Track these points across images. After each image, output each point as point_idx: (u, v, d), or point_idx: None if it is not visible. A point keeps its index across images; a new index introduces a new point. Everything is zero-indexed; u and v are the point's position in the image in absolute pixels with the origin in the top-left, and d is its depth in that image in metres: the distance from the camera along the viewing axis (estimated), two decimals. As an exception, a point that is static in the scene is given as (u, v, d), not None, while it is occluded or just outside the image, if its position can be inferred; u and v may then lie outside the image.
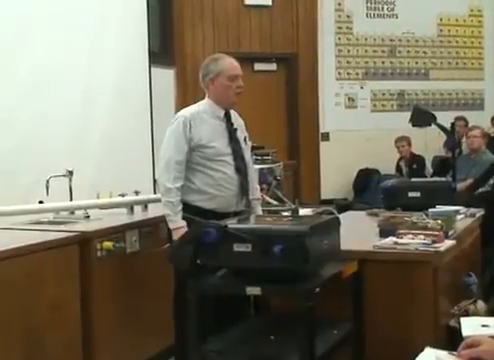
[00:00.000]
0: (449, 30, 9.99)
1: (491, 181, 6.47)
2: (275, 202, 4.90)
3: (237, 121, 3.97)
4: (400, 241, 3.26)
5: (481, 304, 3.41)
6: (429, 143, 8.71)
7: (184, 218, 3.69)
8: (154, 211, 4.68)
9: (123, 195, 4.63)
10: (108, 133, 6.35)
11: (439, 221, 3.44)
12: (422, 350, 2.33)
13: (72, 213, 4.46)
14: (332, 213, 3.29)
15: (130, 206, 4.58)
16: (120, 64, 6.63)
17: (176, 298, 3.83)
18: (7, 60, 5.44)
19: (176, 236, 3.60)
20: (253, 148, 6.54)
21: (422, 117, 6.17)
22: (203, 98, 3.98)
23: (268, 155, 6.09)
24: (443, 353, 2.24)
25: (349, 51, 9.49)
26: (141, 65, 7.03)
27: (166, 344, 4.38)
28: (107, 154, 6.24)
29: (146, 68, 7.09)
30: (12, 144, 5.38)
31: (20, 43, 5.55)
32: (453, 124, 7.73)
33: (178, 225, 3.66)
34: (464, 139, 7.76)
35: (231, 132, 3.86)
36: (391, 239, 3.31)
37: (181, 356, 3.74)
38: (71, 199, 4.51)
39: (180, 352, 3.78)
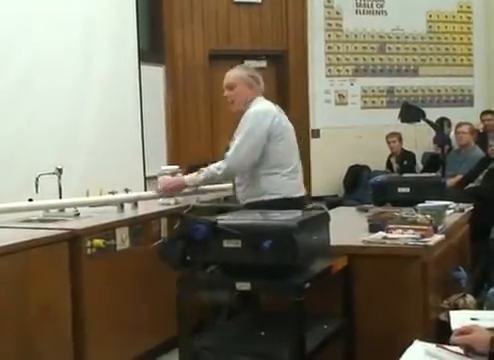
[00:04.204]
0: (438, 26, 10.02)
1: (480, 177, 6.49)
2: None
3: None
4: (389, 236, 3.28)
5: (470, 298, 3.42)
6: (419, 139, 8.73)
7: (177, 215, 3.70)
8: (144, 208, 4.69)
9: (113, 193, 4.63)
10: (98, 130, 6.34)
11: (428, 216, 3.45)
12: (411, 343, 2.35)
13: (62, 211, 4.45)
14: (322, 209, 3.28)
15: (120, 204, 4.58)
16: (110, 62, 6.62)
17: None
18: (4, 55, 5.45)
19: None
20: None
21: (411, 113, 6.19)
22: (192, 96, 4.04)
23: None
24: (431, 346, 2.25)
25: (339, 48, 9.50)
26: (131, 63, 7.02)
27: (157, 342, 4.39)
28: (97, 152, 6.23)
29: (136, 66, 7.09)
30: (1, 142, 5.36)
31: (9, 44, 5.55)
32: (442, 121, 7.78)
33: None
34: (452, 134, 7.80)
35: None
36: (380, 234, 3.32)
37: None
38: (61, 197, 4.50)
39: None
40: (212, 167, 4.00)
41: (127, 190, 4.71)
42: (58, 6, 6.03)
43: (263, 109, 4.03)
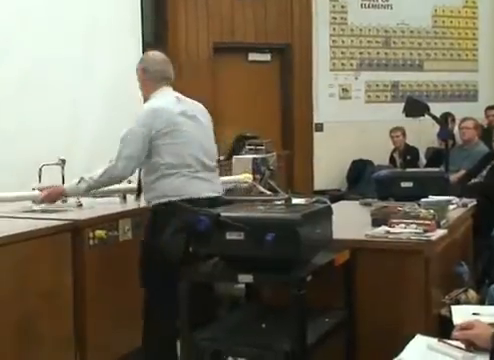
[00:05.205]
0: (444, 21, 9.99)
1: (484, 172, 6.48)
2: (268, 192, 4.90)
3: None
4: (392, 230, 3.27)
5: (472, 293, 3.42)
6: (422, 134, 8.73)
7: (177, 207, 3.70)
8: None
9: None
10: (101, 122, 6.34)
11: (431, 211, 3.44)
12: (413, 338, 2.35)
13: (64, 201, 4.45)
14: (325, 202, 3.28)
15: (123, 195, 4.58)
16: (114, 55, 6.62)
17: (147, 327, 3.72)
18: (4, 49, 5.45)
19: None
20: (246, 138, 6.56)
21: (415, 107, 6.19)
22: (196, 89, 3.99)
23: (262, 145, 6.07)
24: (433, 340, 2.26)
25: (343, 42, 9.48)
26: (135, 55, 6.99)
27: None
28: (100, 143, 6.23)
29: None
30: (6, 132, 5.37)
31: (14, 38, 5.57)
32: (446, 116, 7.77)
33: None
34: (457, 129, 7.79)
35: None
36: (383, 228, 3.32)
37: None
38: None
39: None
40: (95, 174, 3.73)
41: (130, 181, 4.70)
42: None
43: (152, 107, 3.69)
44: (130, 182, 4.69)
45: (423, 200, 3.69)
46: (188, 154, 3.66)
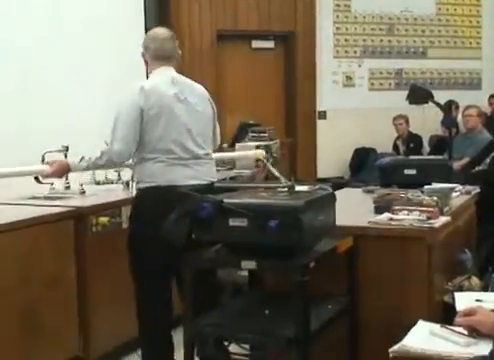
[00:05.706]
0: (447, 9, 9.96)
1: (487, 160, 6.47)
2: (277, 173, 4.89)
3: None
4: (395, 217, 3.27)
5: (475, 280, 3.42)
6: (426, 122, 8.71)
7: (180, 193, 3.68)
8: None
9: (119, 172, 4.64)
10: (105, 110, 6.32)
11: (434, 198, 3.43)
12: (416, 324, 2.36)
13: (68, 188, 4.46)
14: (327, 189, 3.27)
15: (126, 182, 4.58)
16: (116, 41, 6.61)
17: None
18: (6, 39, 5.46)
19: None
20: (250, 125, 6.56)
21: (419, 95, 6.17)
22: (199, 76, 3.96)
23: (265, 132, 6.08)
24: (436, 326, 2.26)
25: (347, 29, 9.45)
26: (138, 42, 6.99)
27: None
28: (103, 129, 6.23)
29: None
30: (10, 120, 5.39)
31: (14, 38, 5.58)
32: (450, 103, 7.75)
33: None
34: (460, 117, 7.77)
35: None
36: (386, 215, 3.32)
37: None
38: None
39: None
40: (93, 156, 3.57)
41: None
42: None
43: (142, 87, 3.48)
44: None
45: (426, 187, 3.68)
46: (172, 139, 3.48)
